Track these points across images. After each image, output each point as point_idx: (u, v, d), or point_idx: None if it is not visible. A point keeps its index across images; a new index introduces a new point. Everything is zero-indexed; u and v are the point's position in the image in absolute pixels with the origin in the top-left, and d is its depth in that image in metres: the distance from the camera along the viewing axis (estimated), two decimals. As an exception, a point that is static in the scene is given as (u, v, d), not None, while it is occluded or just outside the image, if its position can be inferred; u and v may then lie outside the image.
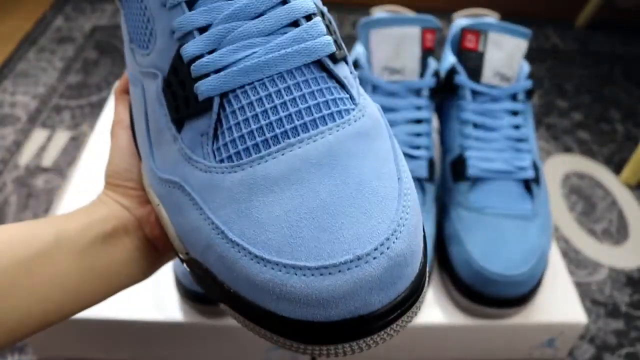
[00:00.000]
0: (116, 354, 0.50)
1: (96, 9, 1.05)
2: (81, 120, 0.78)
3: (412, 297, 0.22)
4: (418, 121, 0.51)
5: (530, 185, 0.50)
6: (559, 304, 0.49)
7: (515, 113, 0.52)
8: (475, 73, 0.52)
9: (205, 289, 0.25)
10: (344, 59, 0.26)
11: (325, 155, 0.23)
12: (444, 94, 0.54)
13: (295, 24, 0.25)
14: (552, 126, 0.85)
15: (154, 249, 0.31)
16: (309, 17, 0.25)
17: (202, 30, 0.24)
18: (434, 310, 0.48)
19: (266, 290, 0.21)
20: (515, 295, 0.46)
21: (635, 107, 0.90)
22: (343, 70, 0.26)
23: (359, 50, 0.52)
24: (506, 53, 0.51)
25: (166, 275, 0.49)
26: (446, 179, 0.52)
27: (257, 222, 0.22)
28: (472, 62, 0.52)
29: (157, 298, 0.47)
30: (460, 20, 0.58)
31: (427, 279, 0.24)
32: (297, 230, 0.21)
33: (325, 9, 0.27)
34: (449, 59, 0.54)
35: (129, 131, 0.32)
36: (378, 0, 0.83)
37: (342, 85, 0.25)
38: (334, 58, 0.25)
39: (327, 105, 0.24)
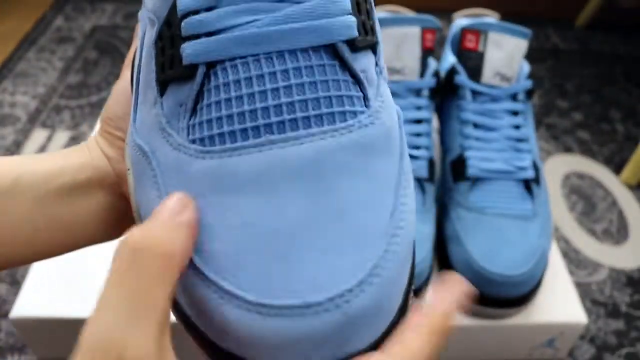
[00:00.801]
0: (116, 354, 0.49)
1: (96, 8, 1.05)
2: (81, 120, 0.78)
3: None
4: (418, 121, 0.51)
5: (530, 185, 0.50)
6: (559, 304, 0.49)
7: (515, 113, 0.52)
8: (475, 73, 0.52)
9: None
10: (372, 47, 0.22)
11: (309, 165, 0.19)
12: (444, 94, 0.54)
13: None
14: (552, 126, 0.85)
15: (128, 210, 0.27)
16: None
17: None
18: (434, 310, 0.48)
19: (199, 307, 0.18)
20: (515, 296, 0.45)
21: (635, 107, 0.90)
22: (363, 62, 0.21)
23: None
24: (506, 53, 0.51)
25: (166, 276, 0.49)
26: (446, 179, 0.52)
27: (208, 225, 0.18)
28: (472, 62, 0.52)
29: (157, 298, 0.47)
30: (460, 20, 0.58)
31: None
32: (249, 250, 0.18)
33: None
34: (449, 59, 0.54)
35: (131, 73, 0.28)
36: (378, 0, 0.83)
37: (357, 81, 0.21)
38: (353, 45, 0.20)
39: (330, 101, 0.20)
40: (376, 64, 0.22)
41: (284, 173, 0.18)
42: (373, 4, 0.23)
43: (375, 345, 0.18)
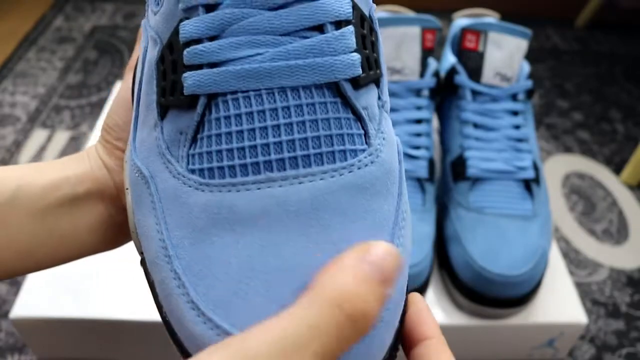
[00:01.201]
0: (116, 354, 0.50)
1: (96, 9, 1.05)
2: (81, 120, 0.78)
3: None
4: (418, 121, 0.51)
5: (530, 185, 0.50)
6: (559, 304, 0.49)
7: (515, 113, 0.52)
8: (475, 73, 0.52)
9: (152, 295, 0.22)
10: (375, 82, 0.21)
11: (307, 205, 0.19)
12: (444, 94, 0.54)
13: (319, 28, 0.20)
14: (552, 126, 0.85)
15: (127, 219, 0.27)
16: (338, 24, 0.20)
17: (209, 8, 0.20)
18: (434, 310, 0.48)
19: (194, 341, 0.18)
20: (515, 296, 0.45)
21: (635, 107, 0.90)
22: (366, 98, 0.21)
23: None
24: (506, 53, 0.51)
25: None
26: (446, 179, 0.52)
27: (207, 262, 0.19)
28: (472, 62, 0.52)
29: (157, 298, 0.47)
30: (460, 20, 0.58)
31: None
32: (244, 289, 0.18)
33: (371, 10, 0.22)
34: (449, 59, 0.54)
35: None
36: (378, 0, 0.83)
37: (359, 117, 0.20)
38: (356, 82, 0.20)
39: (330, 140, 0.19)
40: (379, 97, 0.22)
41: (282, 213, 0.19)
42: (379, 35, 0.23)
43: None
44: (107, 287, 0.47)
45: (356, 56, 0.20)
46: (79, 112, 0.80)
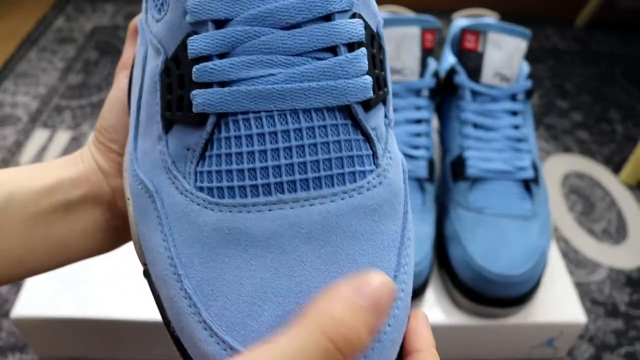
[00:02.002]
0: (116, 354, 0.50)
1: (97, 9, 1.05)
2: (82, 120, 0.79)
3: None
4: (418, 121, 0.52)
5: (529, 185, 0.50)
6: (559, 303, 0.49)
7: (515, 113, 0.52)
8: (475, 73, 0.52)
9: (158, 308, 0.22)
10: (383, 101, 0.22)
11: (319, 228, 0.19)
12: (444, 94, 0.54)
13: (332, 49, 0.20)
14: (551, 126, 0.85)
15: (125, 225, 0.27)
16: (351, 46, 0.20)
17: (219, 24, 0.20)
18: (434, 310, 0.48)
19: None
20: (515, 295, 0.46)
21: (635, 107, 0.90)
22: (375, 119, 0.21)
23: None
24: (506, 53, 0.51)
25: (166, 275, 0.49)
26: (446, 179, 0.52)
27: (219, 282, 0.19)
28: (471, 62, 0.52)
29: (157, 298, 0.47)
30: (460, 20, 0.58)
31: None
32: (258, 311, 0.18)
33: (379, 27, 0.23)
34: (449, 59, 0.54)
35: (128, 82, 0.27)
36: (378, 0, 0.83)
37: (368, 139, 0.20)
38: (367, 105, 0.20)
39: (341, 162, 0.20)
40: (385, 116, 0.22)
41: (294, 234, 0.19)
42: (386, 50, 0.23)
43: None
44: (107, 287, 0.47)
45: (368, 79, 0.20)
46: (80, 112, 0.80)
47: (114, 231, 0.27)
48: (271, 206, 0.19)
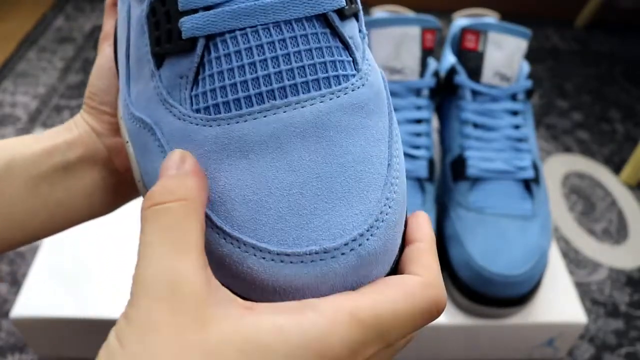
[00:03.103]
0: (116, 354, 0.50)
1: (96, 8, 1.05)
2: (81, 120, 0.79)
3: None
4: (418, 121, 0.52)
5: (530, 185, 0.50)
6: (559, 303, 0.49)
7: (515, 113, 0.52)
8: (475, 73, 0.52)
9: None
10: (355, 15, 0.23)
11: (312, 125, 0.20)
12: (444, 94, 0.54)
13: None
14: (552, 126, 0.85)
15: (122, 182, 0.28)
16: None
17: None
18: (434, 310, 0.48)
19: (222, 264, 0.20)
20: (515, 295, 0.46)
21: (635, 107, 0.90)
22: (350, 29, 0.23)
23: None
24: (506, 53, 0.51)
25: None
26: (446, 179, 0.52)
27: (224, 187, 0.20)
28: (472, 62, 0.52)
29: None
30: (460, 20, 0.58)
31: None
32: (265, 206, 0.19)
33: None
34: (449, 59, 0.54)
35: (113, 48, 0.28)
36: (378, 0, 0.83)
37: (346, 46, 0.22)
38: (342, 13, 0.22)
39: (325, 67, 0.21)
40: (359, 30, 0.24)
41: (289, 134, 0.20)
42: None
43: None
44: (107, 287, 0.47)
45: None
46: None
47: (113, 189, 0.28)
48: (265, 112, 0.20)
